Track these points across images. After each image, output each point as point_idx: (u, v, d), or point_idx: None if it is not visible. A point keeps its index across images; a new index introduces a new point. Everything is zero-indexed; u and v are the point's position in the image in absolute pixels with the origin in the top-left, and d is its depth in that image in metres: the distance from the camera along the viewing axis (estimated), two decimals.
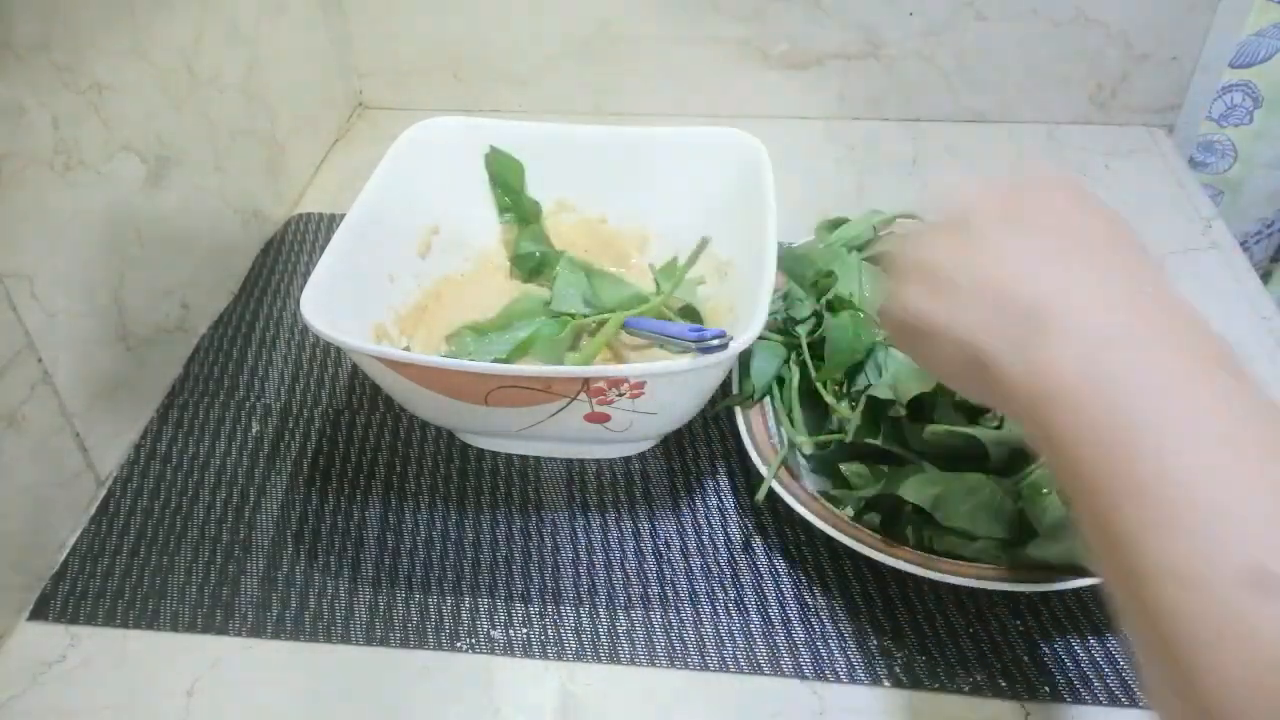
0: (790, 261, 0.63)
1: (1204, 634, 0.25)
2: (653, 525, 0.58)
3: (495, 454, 0.62)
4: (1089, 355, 0.30)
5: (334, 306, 0.56)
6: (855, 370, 0.57)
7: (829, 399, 0.56)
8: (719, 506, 0.59)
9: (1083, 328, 0.30)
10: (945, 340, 0.35)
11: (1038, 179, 0.38)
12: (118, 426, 0.63)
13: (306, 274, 0.56)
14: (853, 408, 0.56)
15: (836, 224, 0.68)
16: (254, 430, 0.65)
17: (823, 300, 0.61)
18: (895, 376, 0.55)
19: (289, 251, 0.81)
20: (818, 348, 0.59)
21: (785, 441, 0.57)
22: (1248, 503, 0.26)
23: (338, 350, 0.69)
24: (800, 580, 0.54)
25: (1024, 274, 0.33)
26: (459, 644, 0.52)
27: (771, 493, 0.54)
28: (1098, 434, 0.29)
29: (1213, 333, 0.31)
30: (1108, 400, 0.29)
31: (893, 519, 0.53)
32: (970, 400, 0.39)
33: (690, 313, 0.64)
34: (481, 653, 0.52)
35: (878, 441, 0.54)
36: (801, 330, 0.60)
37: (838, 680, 0.50)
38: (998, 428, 0.52)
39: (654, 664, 0.51)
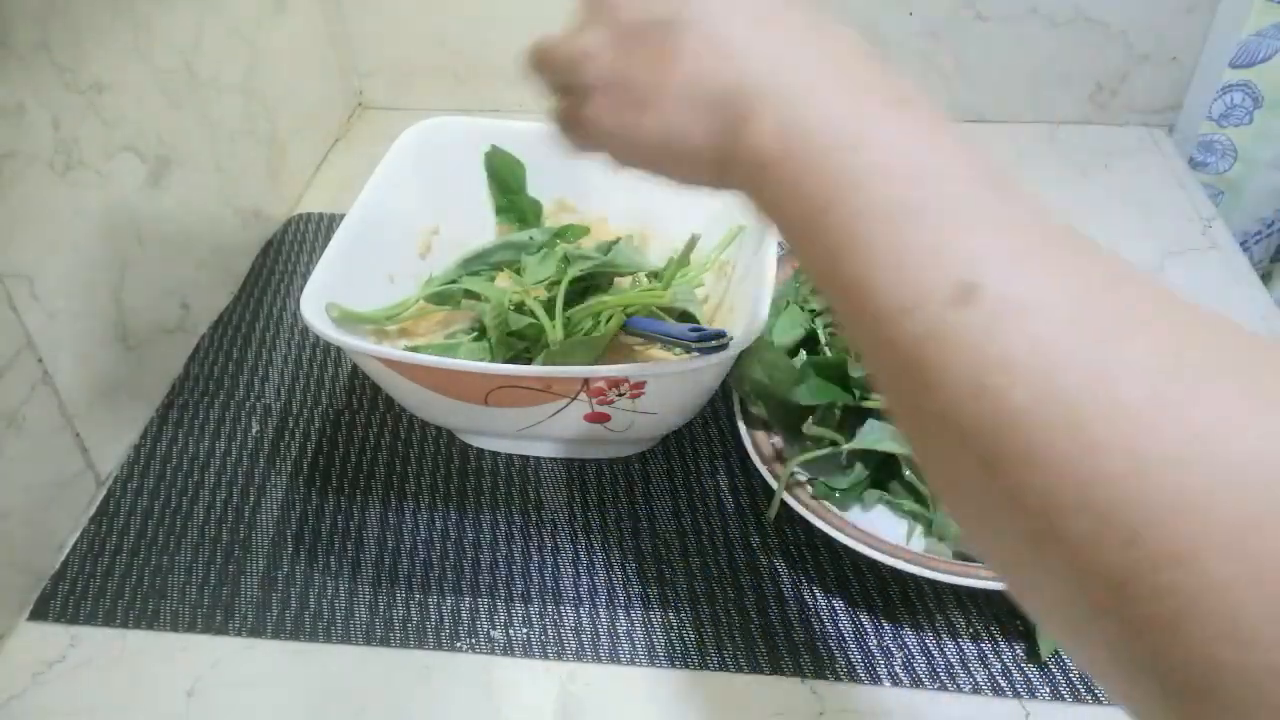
0: None
1: (933, 356, 0.26)
2: (653, 525, 0.58)
3: (495, 454, 0.62)
4: (787, 122, 0.30)
5: (334, 307, 0.56)
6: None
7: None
8: (719, 506, 0.59)
9: (778, 99, 0.31)
10: (659, 152, 0.35)
11: None
12: (118, 426, 0.63)
13: (306, 274, 0.56)
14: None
15: None
16: (254, 430, 0.65)
17: None
18: None
19: (289, 251, 0.81)
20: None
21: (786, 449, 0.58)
22: (941, 223, 0.27)
23: (338, 350, 0.69)
24: (800, 580, 0.54)
25: (712, 67, 0.33)
26: (459, 644, 0.52)
27: (770, 492, 0.54)
28: (806, 198, 0.29)
29: (894, 76, 0.31)
30: (811, 160, 0.30)
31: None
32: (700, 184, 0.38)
33: (687, 317, 0.64)
34: (481, 653, 0.52)
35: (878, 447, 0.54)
36: (819, 323, 0.60)
37: (838, 680, 0.50)
38: None
39: (654, 664, 0.51)
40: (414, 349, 0.61)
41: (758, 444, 0.57)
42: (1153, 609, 0.22)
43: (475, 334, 0.62)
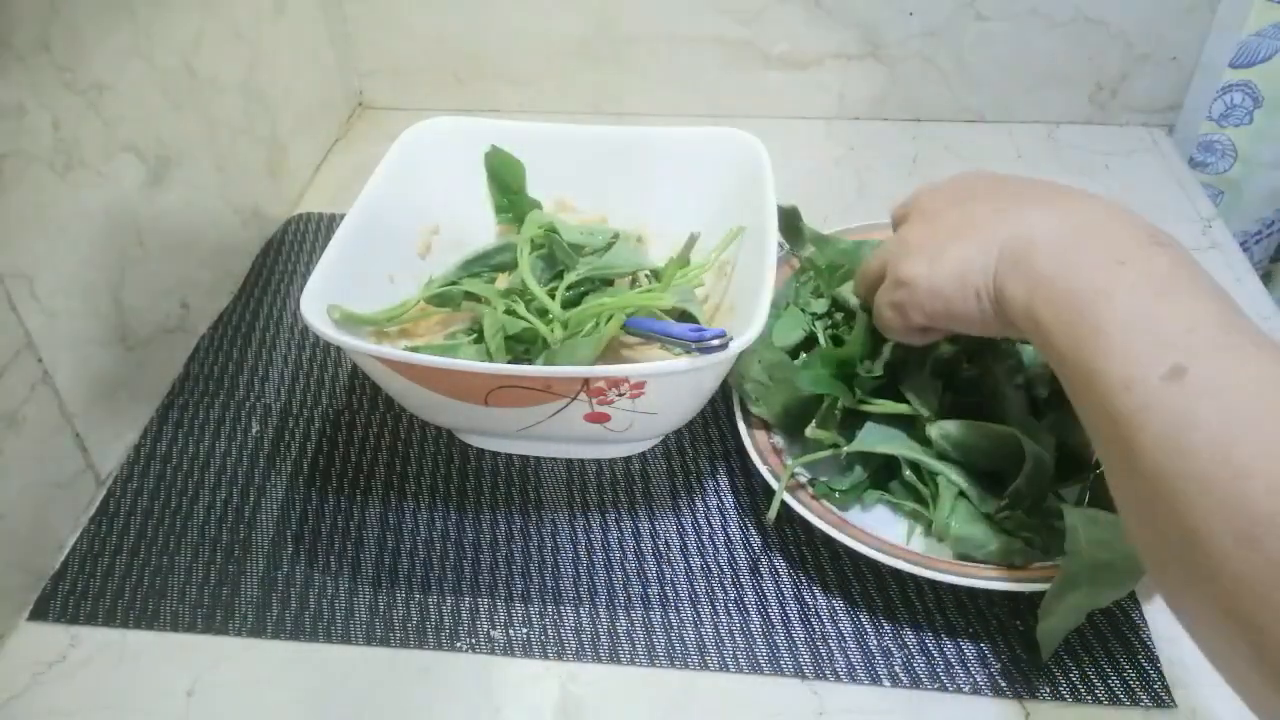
0: (816, 242, 0.64)
1: (1141, 418, 0.35)
2: (653, 525, 0.58)
3: (495, 454, 0.62)
4: (1058, 256, 0.41)
5: (336, 309, 0.56)
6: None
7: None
8: (719, 506, 0.59)
9: (1050, 240, 0.41)
10: (952, 283, 0.45)
11: (964, 174, 0.50)
12: (118, 426, 0.63)
13: (306, 274, 0.56)
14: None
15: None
16: (254, 430, 0.65)
17: (832, 291, 0.61)
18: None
19: (289, 251, 0.81)
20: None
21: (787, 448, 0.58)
22: (1167, 326, 0.36)
23: (338, 350, 0.69)
24: (800, 580, 0.54)
25: (1002, 217, 0.44)
26: (459, 644, 0.52)
27: (771, 492, 0.54)
28: (1066, 307, 0.39)
29: (1143, 223, 0.41)
30: (1071, 281, 0.39)
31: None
32: (985, 334, 0.48)
33: (687, 317, 0.64)
34: (481, 653, 0.52)
35: (878, 449, 0.54)
36: (819, 325, 0.60)
37: (838, 680, 0.50)
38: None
39: (654, 664, 0.51)
40: (414, 349, 0.61)
41: (758, 444, 0.57)
42: (1265, 594, 0.30)
43: (475, 335, 0.62)
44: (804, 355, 0.59)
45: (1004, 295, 0.42)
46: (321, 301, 0.55)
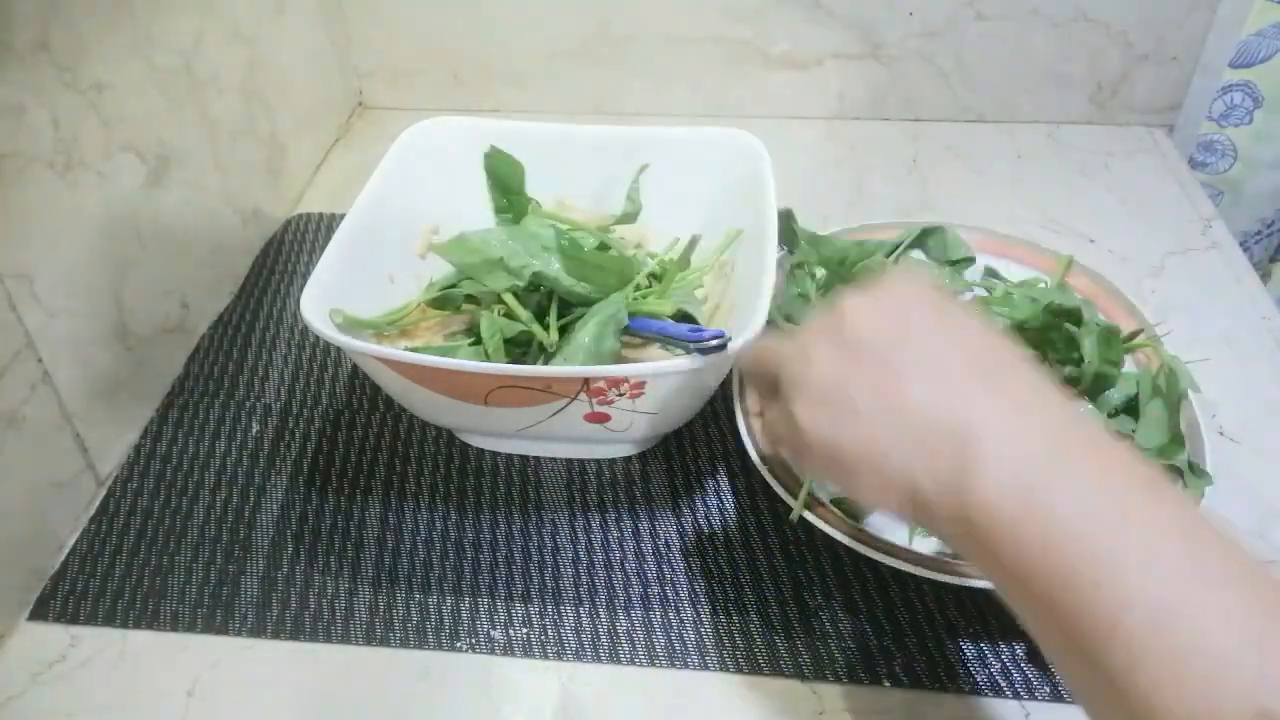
0: (812, 242, 0.63)
1: None
2: (653, 525, 0.58)
3: (495, 454, 0.62)
4: (1025, 484, 0.30)
5: (334, 307, 0.56)
6: None
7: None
8: (719, 506, 0.59)
9: (1010, 455, 0.30)
10: (859, 466, 0.35)
11: (902, 290, 0.37)
12: (118, 426, 0.63)
13: (306, 274, 0.56)
14: None
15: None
16: (254, 430, 0.65)
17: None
18: None
19: (289, 251, 0.81)
20: None
21: None
22: (1237, 638, 0.25)
23: (338, 350, 0.69)
24: (800, 580, 0.54)
25: (935, 400, 0.32)
26: (459, 644, 0.52)
27: (770, 492, 0.54)
28: (1047, 564, 0.28)
29: (1131, 450, 0.31)
30: (1053, 532, 0.28)
31: None
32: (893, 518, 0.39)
33: (687, 318, 0.64)
34: (481, 653, 0.52)
35: None
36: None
37: (838, 680, 0.50)
38: None
39: (654, 664, 0.51)
40: (413, 350, 0.61)
41: (758, 444, 0.57)
42: None
43: (474, 338, 0.62)
44: None
45: (927, 503, 0.33)
46: (322, 302, 0.55)
